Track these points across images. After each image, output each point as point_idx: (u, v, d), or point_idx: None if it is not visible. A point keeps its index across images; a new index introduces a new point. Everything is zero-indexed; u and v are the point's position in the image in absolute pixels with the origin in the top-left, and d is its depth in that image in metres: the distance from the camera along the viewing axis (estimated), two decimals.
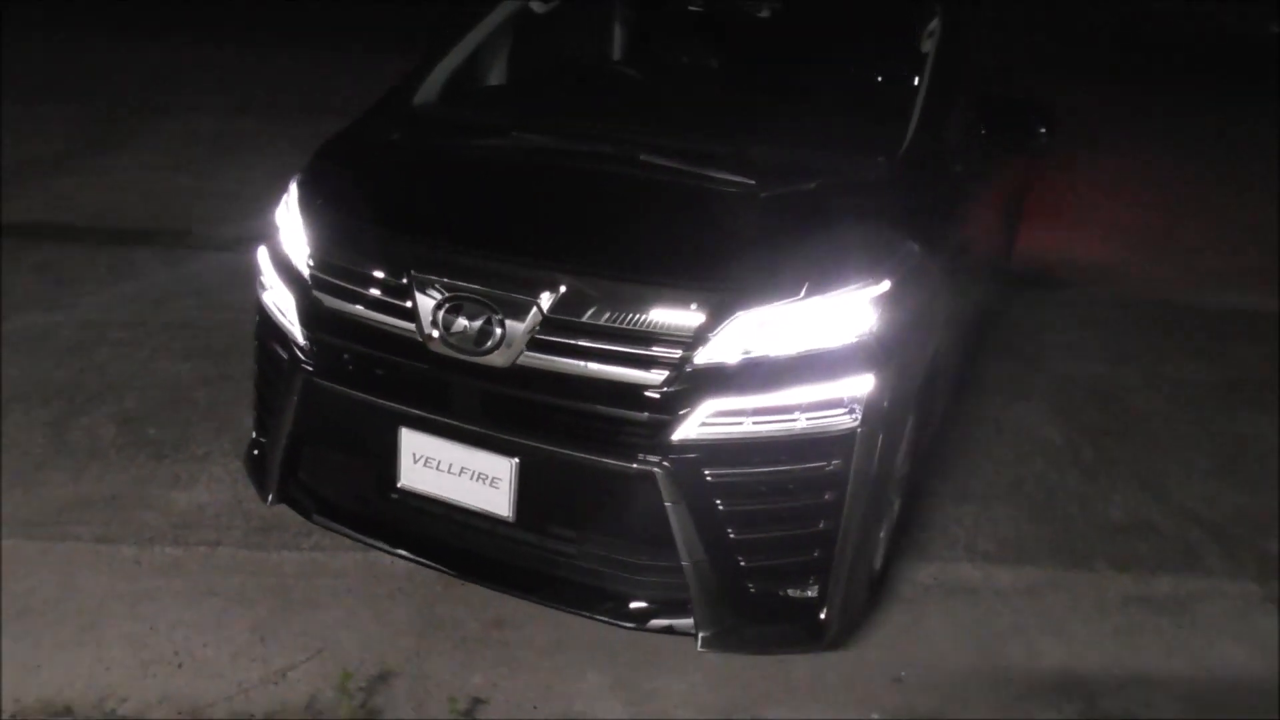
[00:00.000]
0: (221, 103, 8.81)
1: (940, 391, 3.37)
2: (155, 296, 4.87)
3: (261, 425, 2.96)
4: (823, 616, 2.53)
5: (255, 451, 3.00)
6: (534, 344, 2.40)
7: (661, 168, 2.78)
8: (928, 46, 3.17)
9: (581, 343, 2.38)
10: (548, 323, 2.39)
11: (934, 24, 3.21)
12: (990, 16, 4.21)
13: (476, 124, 3.13)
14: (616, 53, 3.97)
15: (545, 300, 2.38)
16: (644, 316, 2.35)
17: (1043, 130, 3.21)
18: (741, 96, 3.53)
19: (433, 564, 2.68)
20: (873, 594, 3.00)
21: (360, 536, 2.77)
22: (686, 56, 3.78)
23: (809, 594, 2.51)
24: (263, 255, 2.88)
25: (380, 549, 2.77)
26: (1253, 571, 3.37)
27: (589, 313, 2.37)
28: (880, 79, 3.24)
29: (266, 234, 2.91)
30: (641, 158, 2.81)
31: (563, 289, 2.38)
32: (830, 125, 3.14)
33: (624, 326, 2.35)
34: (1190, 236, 7.15)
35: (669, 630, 2.52)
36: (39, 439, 3.59)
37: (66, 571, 2.95)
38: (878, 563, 3.00)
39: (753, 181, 2.71)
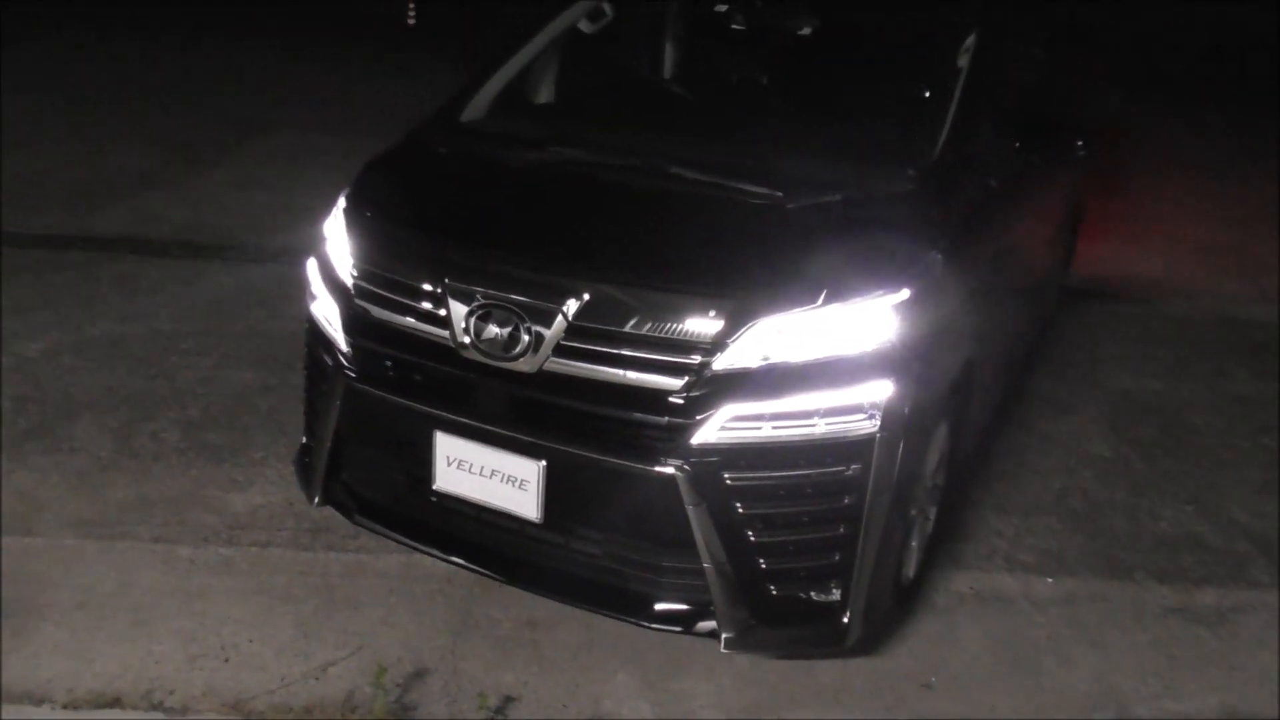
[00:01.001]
0: (308, 120, 9.07)
1: (979, 402, 3.37)
2: (225, 307, 5.07)
3: (309, 430, 3.09)
4: (845, 620, 2.55)
5: (303, 455, 3.13)
6: (560, 350, 2.49)
7: (692, 180, 2.85)
8: (962, 62, 3.18)
9: (605, 349, 2.45)
10: (573, 329, 2.47)
11: (969, 40, 3.23)
12: (1038, 34, 4.21)
13: (518, 138, 3.23)
14: (660, 69, 4.05)
15: (571, 308, 2.46)
16: (665, 323, 2.41)
17: (1080, 144, 3.20)
18: (778, 111, 3.58)
19: (466, 564, 2.77)
20: (904, 601, 3.01)
21: (398, 537, 2.87)
22: (727, 73, 3.85)
23: (830, 597, 2.54)
24: (311, 266, 3.02)
25: (417, 549, 2.86)
26: None
27: (612, 319, 2.44)
28: (914, 93, 3.27)
29: (315, 246, 3.05)
30: (673, 170, 2.89)
31: (587, 297, 2.46)
32: (862, 138, 3.17)
33: (645, 333, 2.42)
34: (1264, 252, 6.97)
35: (692, 631, 2.57)
36: (107, 443, 3.78)
37: (124, 569, 3.10)
38: (911, 570, 3.01)
39: (780, 193, 2.76)
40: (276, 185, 7.01)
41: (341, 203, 3.00)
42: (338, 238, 2.91)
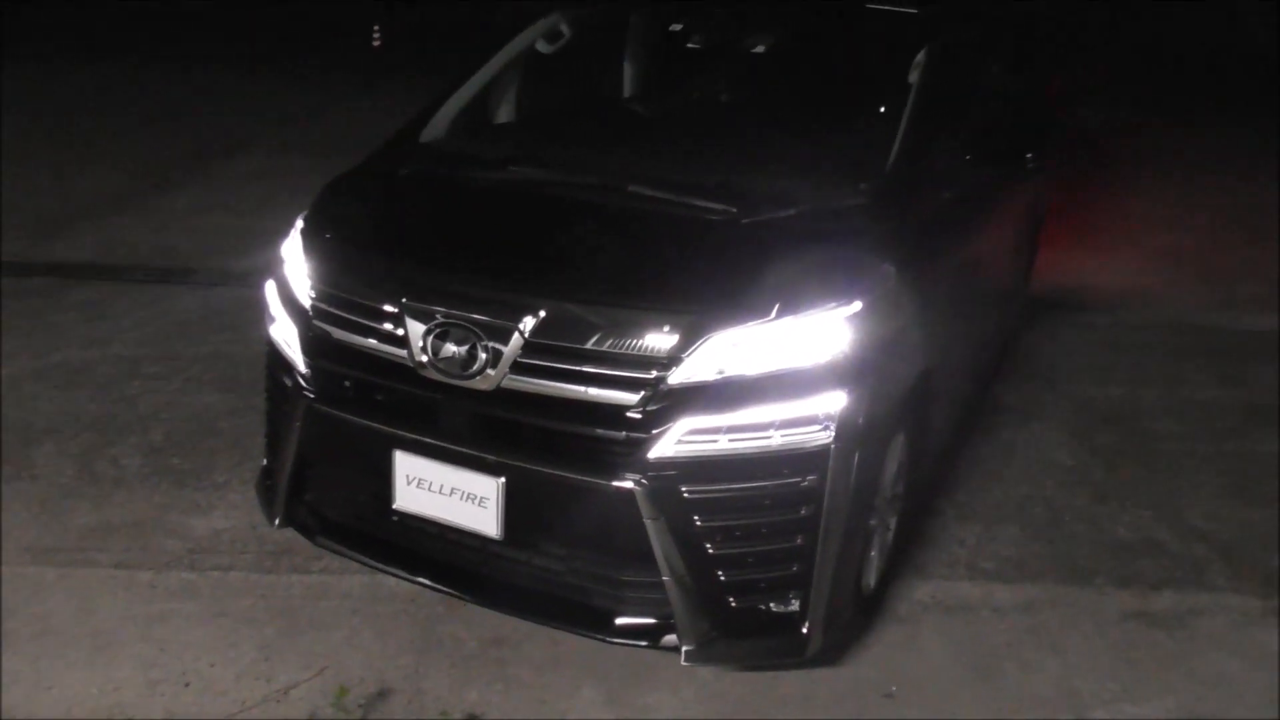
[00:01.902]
0: (278, 142, 9.04)
1: (939, 412, 3.40)
2: (190, 331, 5.05)
3: (270, 452, 3.08)
4: (804, 630, 2.57)
5: (264, 477, 3.12)
6: (517, 367, 2.50)
7: (648, 197, 2.88)
8: (913, 78, 3.23)
9: (561, 365, 2.47)
10: (529, 347, 2.49)
11: (920, 56, 3.28)
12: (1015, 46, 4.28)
13: (476, 158, 3.26)
14: (617, 88, 4.09)
15: (527, 325, 2.48)
16: (619, 339, 2.44)
17: (1029, 156, 3.25)
18: (735, 128, 3.62)
19: (428, 583, 2.77)
20: (866, 611, 3.04)
21: (360, 557, 2.87)
22: (684, 91, 3.89)
23: (790, 608, 2.56)
24: (270, 289, 3.02)
25: (379, 569, 2.87)
26: (1255, 586, 3.35)
27: (568, 336, 2.47)
28: (866, 109, 3.32)
29: (274, 268, 3.05)
30: (629, 188, 2.91)
31: (543, 314, 2.48)
32: (816, 154, 3.21)
33: (600, 349, 2.45)
34: (1225, 259, 7.06)
35: (654, 645, 2.58)
36: (68, 470, 3.75)
37: (84, 595, 3.08)
38: (872, 580, 3.04)
39: (735, 209, 2.79)
40: (244, 207, 6.99)
41: (299, 224, 3.01)
42: (295, 259, 2.92)
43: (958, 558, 3.45)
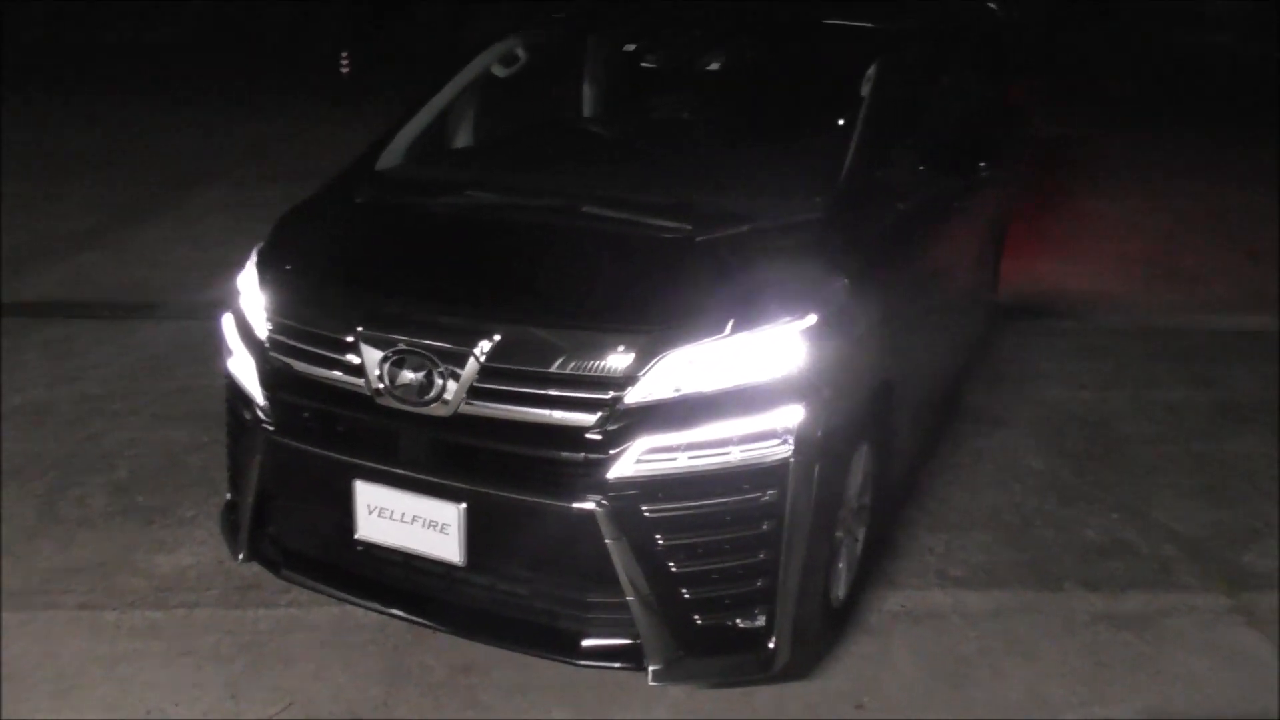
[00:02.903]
0: (248, 173, 9.02)
1: (905, 422, 3.41)
2: (157, 366, 5.01)
3: (233, 486, 3.07)
4: (771, 646, 2.56)
5: (228, 512, 3.10)
6: (474, 392, 2.50)
7: (603, 218, 2.88)
8: (865, 91, 3.26)
9: (518, 389, 2.47)
10: (486, 371, 2.48)
11: (871, 70, 3.30)
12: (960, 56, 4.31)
13: (432, 184, 3.26)
14: (573, 110, 4.11)
15: (482, 350, 2.48)
16: (575, 360, 2.44)
17: (982, 165, 3.28)
18: (690, 146, 3.64)
19: (394, 613, 2.75)
20: (835, 624, 3.03)
21: (326, 589, 2.86)
22: (639, 111, 3.91)
23: (756, 624, 2.55)
24: (227, 322, 3.01)
25: (345, 601, 2.84)
26: (1223, 585, 3.36)
27: (523, 359, 2.47)
28: (822, 123, 3.34)
29: (231, 301, 3.04)
30: (584, 209, 2.92)
31: (498, 338, 2.48)
32: (771, 169, 3.23)
33: (557, 371, 2.44)
34: (1191, 261, 7.13)
35: (622, 666, 2.57)
36: (31, 511, 3.71)
37: (48, 638, 3.04)
38: (841, 592, 3.04)
39: (690, 227, 2.80)
40: (212, 239, 6.96)
41: (254, 256, 3.00)
42: (251, 292, 2.91)
43: (928, 566, 3.45)
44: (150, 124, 11.04)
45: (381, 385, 2.57)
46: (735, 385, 2.46)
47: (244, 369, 2.87)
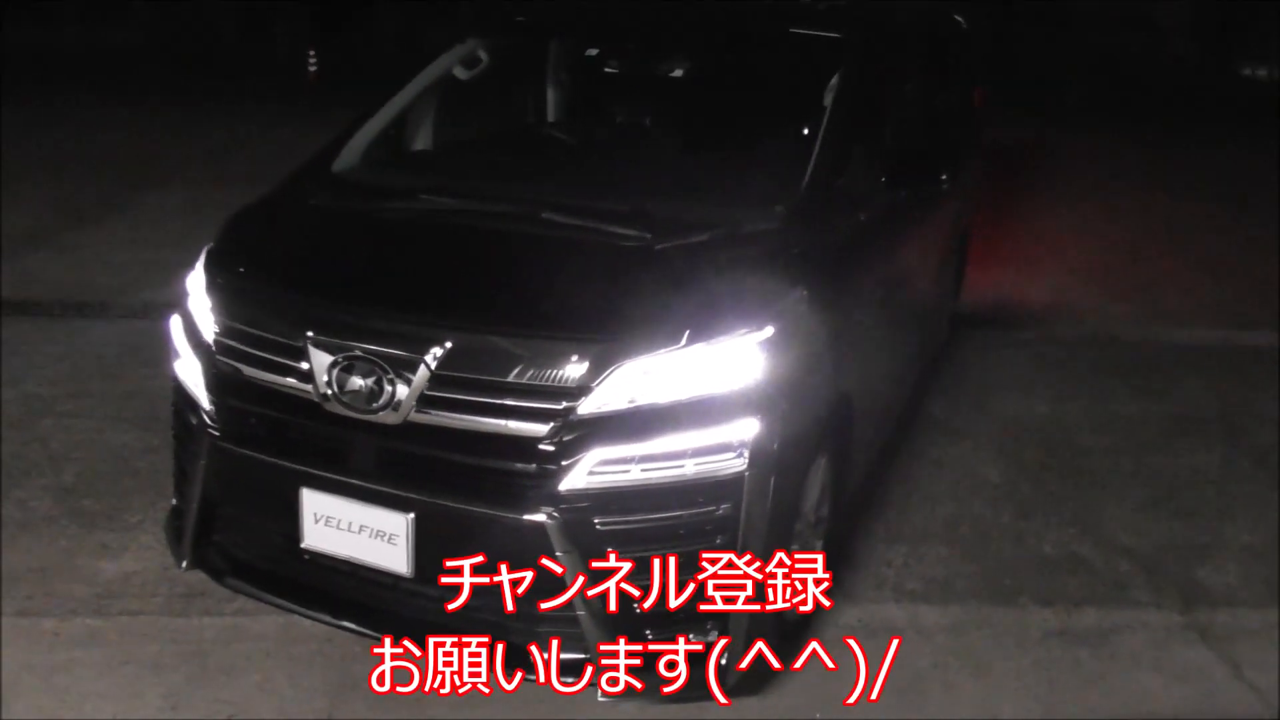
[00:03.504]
0: (204, 175, 8.90)
1: (863, 434, 3.40)
2: (107, 367, 4.91)
3: (179, 491, 2.99)
4: (724, 662, 2.53)
5: (173, 518, 3.03)
6: (424, 400, 2.45)
7: (561, 225, 2.84)
8: (827, 101, 3.25)
9: (468, 397, 2.42)
10: (436, 379, 2.43)
11: (834, 80, 3.29)
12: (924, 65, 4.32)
13: (388, 187, 3.21)
14: (534, 115, 4.07)
15: (432, 357, 2.43)
16: (527, 369, 2.39)
17: (943, 177, 3.27)
18: (652, 152, 3.61)
19: (340, 624, 2.69)
20: (790, 638, 3.00)
21: (271, 598, 2.79)
22: (600, 117, 3.88)
23: (709, 639, 2.52)
24: (175, 324, 2.94)
25: (290, 611, 2.78)
26: (1177, 601, 3.38)
27: (474, 367, 2.42)
28: (780, 133, 3.33)
29: (178, 302, 2.97)
30: (543, 216, 2.88)
31: (449, 345, 2.43)
32: (731, 178, 3.21)
33: (508, 380, 2.40)
34: (1147, 272, 7.21)
35: (572, 680, 2.52)
36: None
37: None
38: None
39: (649, 235, 2.77)
40: (164, 241, 6.84)
41: (203, 257, 2.93)
42: (199, 293, 2.84)
43: (885, 579, 3.44)
44: (106, 125, 10.90)
45: (329, 392, 2.51)
46: (690, 397, 2.43)
47: (190, 372, 2.80)
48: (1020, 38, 18.00)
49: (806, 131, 3.19)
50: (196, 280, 2.88)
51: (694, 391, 2.44)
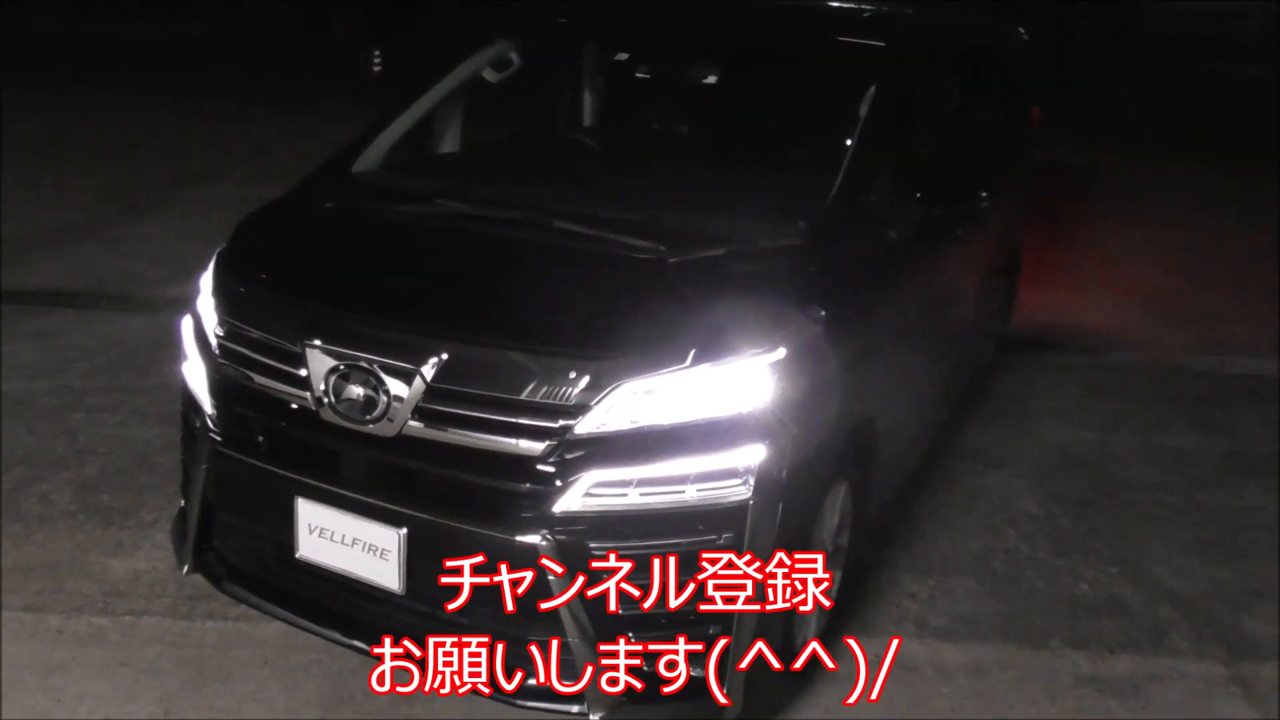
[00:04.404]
0: (255, 171, 8.99)
1: (889, 460, 3.27)
2: (141, 361, 4.94)
3: (184, 494, 2.96)
4: (721, 697, 2.41)
5: (179, 520, 3.00)
6: (420, 413, 2.37)
7: (576, 235, 2.76)
8: (860, 115, 3.12)
9: (464, 412, 2.34)
10: (432, 392, 2.36)
11: (869, 93, 3.16)
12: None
13: (405, 191, 3.16)
14: (562, 121, 3.99)
15: (429, 368, 2.35)
16: (523, 385, 2.31)
17: (984, 195, 3.13)
18: (680, 161, 3.51)
19: (331, 636, 2.63)
20: (799, 671, 2.87)
21: (266, 607, 2.74)
22: (627, 125, 3.79)
23: (706, 671, 2.41)
24: (185, 324, 2.91)
25: (283, 620, 2.72)
26: (1220, 651, 3.18)
27: (471, 381, 2.34)
28: (813, 144, 3.20)
29: (189, 303, 2.94)
30: (558, 226, 2.80)
31: (445, 357, 2.35)
32: (758, 190, 3.10)
33: (505, 395, 2.32)
34: (1210, 300, 6.92)
35: (562, 708, 2.43)
36: None
37: None
38: (810, 634, 2.88)
39: (664, 248, 2.67)
40: (210, 236, 6.86)
41: (214, 258, 2.90)
42: (207, 294, 2.81)
43: (907, 613, 3.30)
44: (162, 120, 11.09)
45: (326, 400, 2.45)
46: (695, 419, 2.33)
47: (195, 374, 2.77)
48: (1090, 56, 17.60)
49: (838, 144, 3.06)
50: (206, 280, 2.85)
51: (699, 414, 2.33)
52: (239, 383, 2.64)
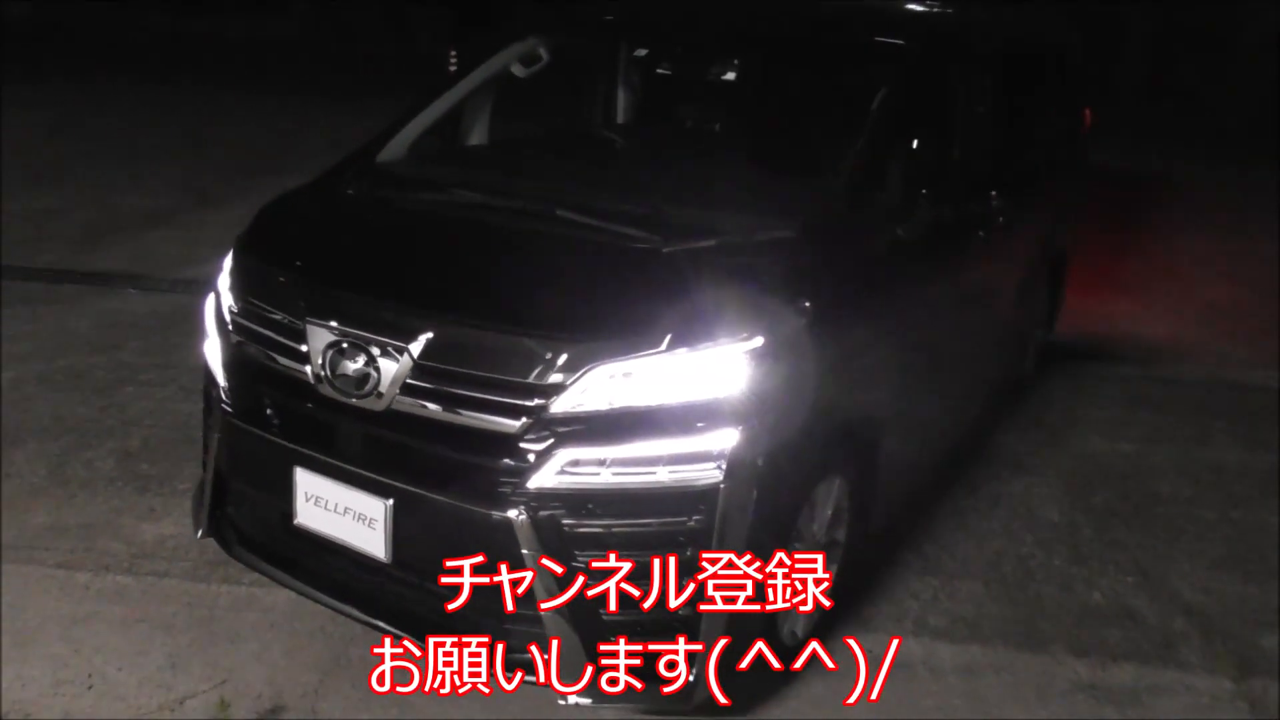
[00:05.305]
0: (326, 163, 9.27)
1: (899, 460, 3.26)
2: (193, 341, 5.11)
3: (203, 463, 3.10)
4: (690, 676, 2.45)
5: (199, 488, 3.14)
6: (407, 389, 2.46)
7: (573, 224, 2.82)
8: (871, 112, 3.11)
9: (447, 389, 2.43)
10: (419, 368, 2.45)
11: (881, 93, 3.16)
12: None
13: (423, 180, 3.26)
14: (583, 115, 4.06)
15: (416, 346, 2.44)
16: (502, 364, 2.38)
17: (993, 194, 3.10)
18: (691, 155, 3.55)
19: (324, 600, 2.74)
20: (786, 662, 2.89)
21: (270, 571, 2.86)
22: (642, 119, 3.83)
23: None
24: (208, 304, 3.06)
25: (283, 585, 2.84)
26: (1231, 667, 3.10)
27: (454, 359, 2.43)
28: (826, 142, 3.21)
29: (211, 283, 3.09)
30: (560, 214, 2.86)
31: (431, 335, 2.44)
32: (763, 183, 3.12)
33: (485, 374, 2.40)
34: (1267, 312, 6.69)
35: (537, 680, 2.49)
36: (41, 470, 3.84)
37: (22, 593, 3.13)
38: (797, 629, 2.90)
39: (659, 237, 2.71)
40: None
41: (237, 240, 3.04)
42: (225, 274, 2.95)
43: (908, 612, 3.28)
44: (242, 113, 11.48)
45: (323, 374, 2.56)
46: (670, 403, 2.37)
47: (212, 350, 2.91)
48: (1172, 60, 17.03)
49: (849, 141, 3.07)
50: (227, 261, 2.99)
51: (675, 398, 2.38)
52: (249, 358, 2.77)
